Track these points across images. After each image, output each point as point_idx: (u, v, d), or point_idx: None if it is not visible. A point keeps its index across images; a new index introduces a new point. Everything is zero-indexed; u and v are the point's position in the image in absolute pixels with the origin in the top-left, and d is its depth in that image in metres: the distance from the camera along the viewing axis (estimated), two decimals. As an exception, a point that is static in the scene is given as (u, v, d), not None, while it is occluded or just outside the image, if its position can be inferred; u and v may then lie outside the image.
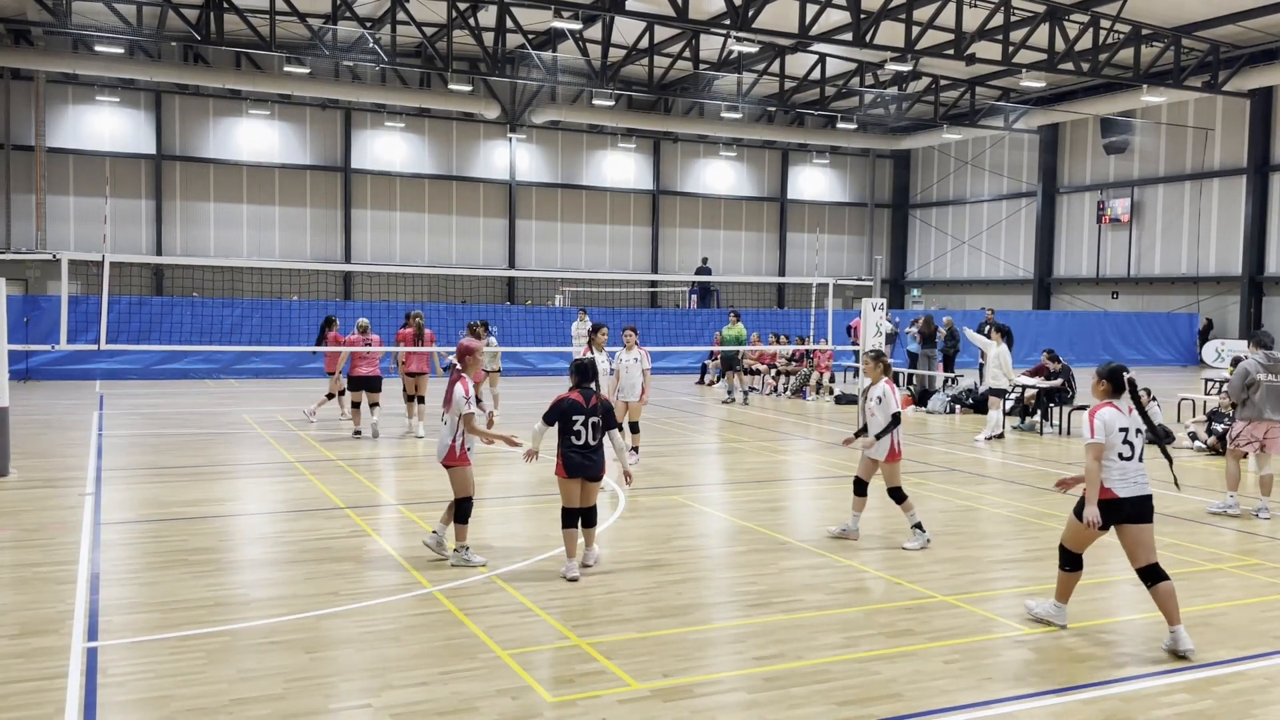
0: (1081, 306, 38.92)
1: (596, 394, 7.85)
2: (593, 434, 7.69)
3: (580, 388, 7.83)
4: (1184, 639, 6.14)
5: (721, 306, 36.19)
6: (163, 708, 5.14)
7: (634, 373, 13.25)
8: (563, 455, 7.71)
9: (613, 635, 6.37)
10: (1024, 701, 5.47)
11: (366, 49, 29.07)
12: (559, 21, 25.17)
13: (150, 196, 34.31)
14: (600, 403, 7.81)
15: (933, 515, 9.99)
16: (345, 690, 5.49)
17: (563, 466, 7.69)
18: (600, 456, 7.78)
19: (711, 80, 33.80)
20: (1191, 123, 35.43)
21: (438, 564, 7.98)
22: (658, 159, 41.76)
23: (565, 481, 7.71)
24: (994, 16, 25.94)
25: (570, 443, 7.67)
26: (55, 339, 14.44)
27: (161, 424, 16.37)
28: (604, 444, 7.83)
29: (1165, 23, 28.47)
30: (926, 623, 6.74)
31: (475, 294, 35.43)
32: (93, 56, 28.81)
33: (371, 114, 36.78)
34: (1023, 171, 41.73)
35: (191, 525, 9.42)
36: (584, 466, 7.67)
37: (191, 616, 6.64)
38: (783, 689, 5.55)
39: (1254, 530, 9.75)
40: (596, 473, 7.75)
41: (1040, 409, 17.39)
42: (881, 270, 43.54)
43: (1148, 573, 6.29)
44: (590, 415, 7.69)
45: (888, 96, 35.09)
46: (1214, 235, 35.10)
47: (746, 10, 23.91)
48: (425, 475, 12.27)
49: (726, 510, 10.52)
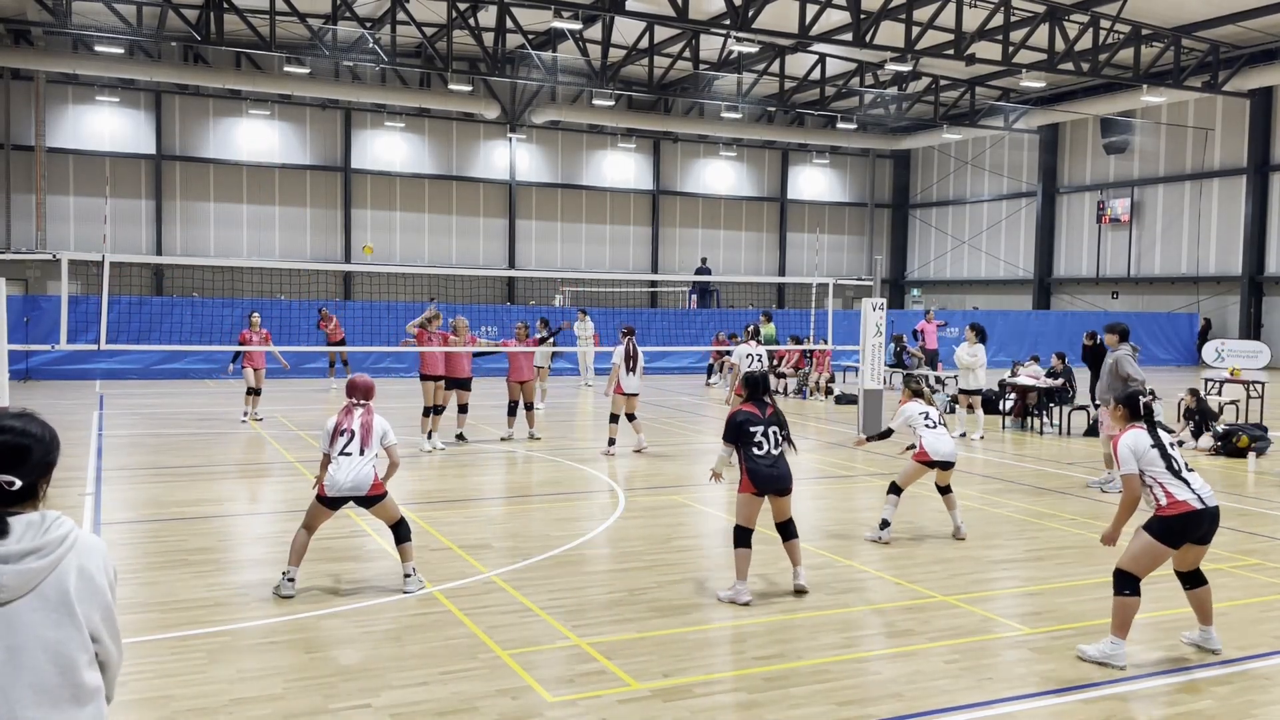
0: (1081, 306, 38.91)
1: (772, 404, 7.53)
2: (774, 444, 7.35)
3: (754, 399, 7.52)
4: (1215, 639, 6.21)
5: (721, 307, 36.19)
6: (163, 708, 5.14)
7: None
8: (748, 470, 7.30)
9: (613, 635, 6.37)
10: (1024, 701, 5.47)
11: (366, 49, 29.07)
12: (559, 21, 25.17)
13: (150, 196, 34.31)
14: (776, 412, 7.47)
15: (933, 515, 9.99)
16: (345, 690, 5.49)
17: (749, 481, 7.29)
18: (786, 466, 7.39)
19: (711, 80, 33.80)
20: (1191, 123, 35.43)
21: (438, 564, 7.98)
22: (658, 159, 41.76)
23: (752, 498, 7.30)
24: (994, 16, 25.93)
25: (753, 455, 7.30)
26: (55, 339, 14.42)
27: (161, 424, 16.36)
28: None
29: (1165, 23, 28.47)
30: (926, 623, 6.74)
31: (475, 294, 35.42)
32: (93, 56, 28.81)
33: (371, 114, 36.79)
34: (1023, 171, 41.72)
35: (191, 525, 9.42)
36: (772, 479, 7.31)
37: (191, 616, 6.64)
38: (783, 689, 5.55)
39: (1254, 530, 9.76)
40: (786, 485, 7.38)
41: (1041, 409, 17.40)
42: (881, 270, 43.45)
43: (1193, 577, 6.16)
44: (769, 425, 7.37)
45: (888, 96, 35.09)
46: (1214, 235, 35.10)
47: (746, 10, 23.91)
48: (425, 475, 12.27)
49: (727, 510, 10.51)
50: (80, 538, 2.49)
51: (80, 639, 2.45)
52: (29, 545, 2.39)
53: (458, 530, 9.18)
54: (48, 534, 2.42)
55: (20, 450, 2.46)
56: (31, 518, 2.44)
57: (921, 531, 9.54)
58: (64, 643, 2.42)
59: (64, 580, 2.43)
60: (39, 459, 2.49)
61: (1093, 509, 10.66)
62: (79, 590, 2.45)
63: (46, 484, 2.54)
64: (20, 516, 2.43)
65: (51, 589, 2.42)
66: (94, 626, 2.48)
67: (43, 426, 2.54)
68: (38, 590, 2.40)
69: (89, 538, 2.52)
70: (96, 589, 2.48)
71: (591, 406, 20.19)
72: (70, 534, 2.46)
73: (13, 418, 2.52)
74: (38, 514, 2.45)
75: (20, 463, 2.45)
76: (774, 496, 7.33)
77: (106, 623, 2.51)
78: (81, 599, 2.45)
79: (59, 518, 2.47)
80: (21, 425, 2.49)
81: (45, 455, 2.51)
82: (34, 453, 2.48)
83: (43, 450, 2.50)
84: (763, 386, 7.58)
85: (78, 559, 2.46)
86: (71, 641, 2.43)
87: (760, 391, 7.55)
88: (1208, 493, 5.98)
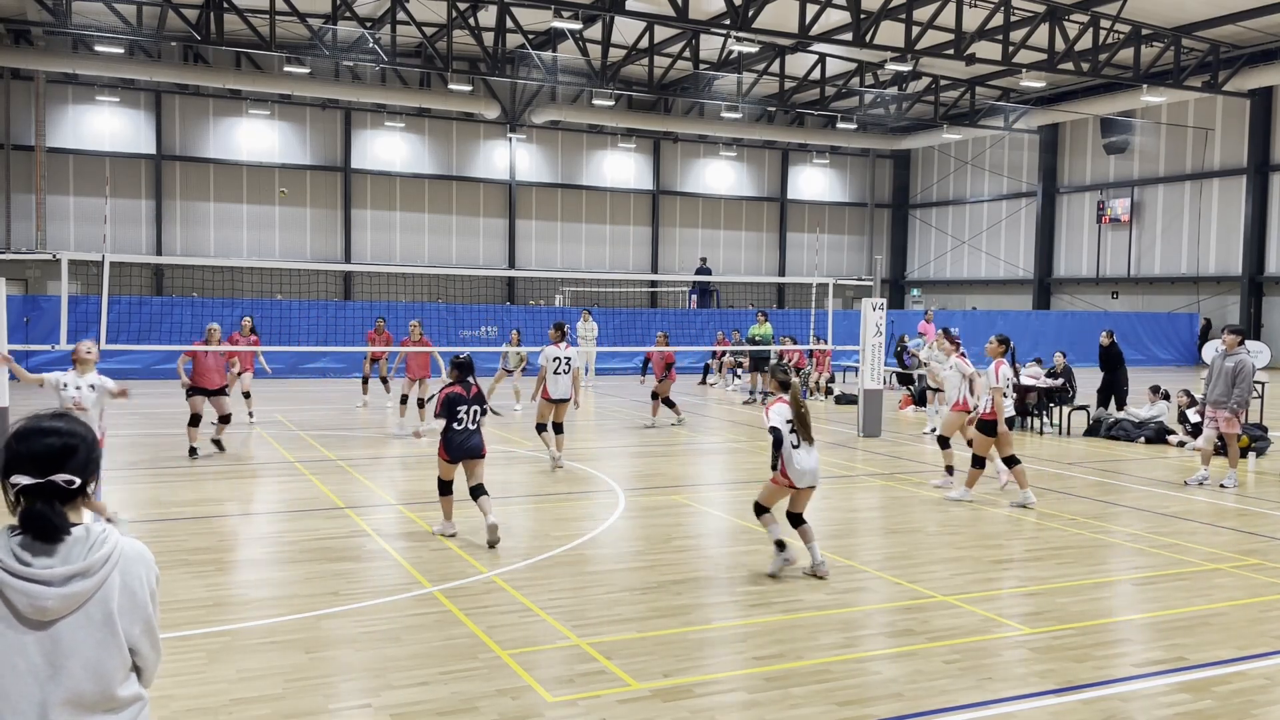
0: (1081, 306, 38.91)
1: (476, 386, 8.85)
2: (473, 420, 8.75)
3: (461, 382, 8.80)
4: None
5: (721, 307, 36.18)
6: (163, 708, 5.14)
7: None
8: (445, 439, 8.68)
9: (613, 635, 6.37)
10: (1024, 701, 5.47)
11: (366, 49, 29.07)
12: (559, 21, 25.18)
13: (150, 196, 34.31)
14: (479, 393, 8.85)
15: (933, 515, 9.98)
16: (345, 690, 5.49)
17: (444, 449, 8.72)
18: (480, 438, 8.79)
19: (711, 80, 33.80)
20: (1191, 123, 35.43)
21: (438, 564, 7.98)
22: (658, 159, 41.76)
23: (448, 464, 8.80)
24: (994, 16, 25.94)
25: (453, 428, 8.64)
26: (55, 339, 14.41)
27: (161, 424, 16.36)
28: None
29: (1165, 23, 28.47)
30: (926, 623, 6.74)
31: (475, 294, 35.41)
32: (93, 56, 28.82)
33: (371, 114, 36.79)
34: (1023, 171, 41.72)
35: (191, 525, 9.42)
36: (466, 448, 8.68)
37: (191, 616, 6.64)
38: (783, 689, 5.55)
39: (1254, 530, 9.76)
40: (478, 453, 8.75)
41: (1041, 409, 17.40)
42: (881, 270, 43.51)
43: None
44: (471, 404, 8.73)
45: (888, 96, 35.09)
46: (1214, 235, 35.11)
47: (746, 10, 23.91)
48: (426, 475, 12.26)
49: (726, 510, 10.51)
50: (124, 552, 2.50)
51: (121, 655, 2.48)
52: (75, 568, 2.40)
53: (458, 530, 9.18)
54: (92, 553, 2.43)
55: (71, 450, 2.48)
56: (78, 533, 2.45)
57: (922, 531, 9.54)
58: (104, 660, 2.45)
59: (108, 599, 2.45)
60: (86, 457, 2.52)
61: (1093, 509, 10.66)
62: (122, 606, 2.47)
63: (95, 482, 2.57)
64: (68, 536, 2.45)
65: (96, 608, 2.44)
66: (134, 640, 2.51)
67: (84, 426, 2.57)
68: (83, 610, 2.43)
69: (131, 548, 2.53)
70: (138, 604, 2.51)
71: (592, 406, 20.19)
72: (114, 551, 2.47)
73: (55, 419, 2.54)
74: (83, 529, 2.47)
75: (72, 462, 2.48)
76: (467, 462, 8.70)
77: (147, 634, 2.55)
78: (124, 615, 2.48)
79: (104, 533, 2.48)
80: (67, 426, 2.53)
81: (90, 453, 2.54)
82: (81, 451, 2.51)
83: (87, 449, 2.54)
84: (468, 370, 8.87)
85: (121, 575, 2.48)
86: (112, 659, 2.46)
87: (466, 374, 8.84)
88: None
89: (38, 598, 2.37)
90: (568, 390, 12.63)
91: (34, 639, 2.38)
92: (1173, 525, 9.84)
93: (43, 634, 2.39)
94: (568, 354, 12.66)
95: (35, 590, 2.37)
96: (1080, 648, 6.29)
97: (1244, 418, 12.07)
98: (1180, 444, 15.30)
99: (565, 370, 12.59)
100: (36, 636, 2.38)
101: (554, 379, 12.58)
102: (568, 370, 12.60)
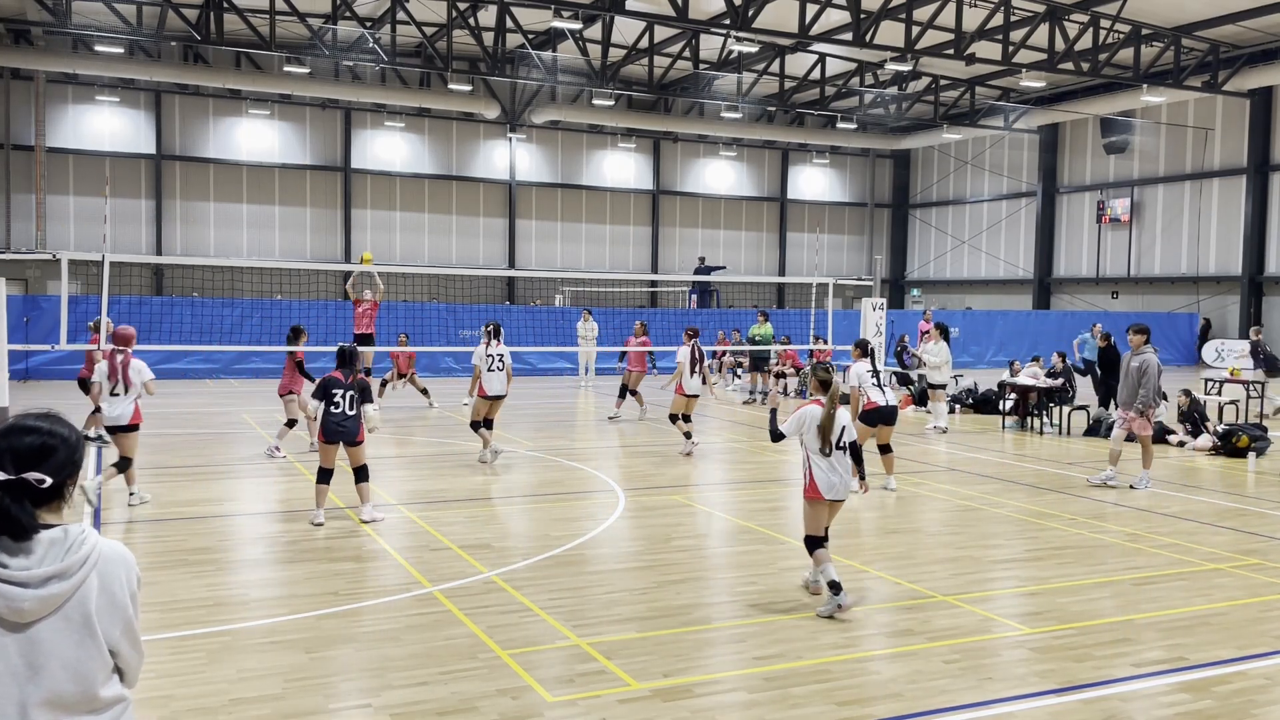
0: (1081, 306, 38.90)
1: (354, 374, 9.51)
2: (349, 405, 9.37)
3: (342, 369, 9.47)
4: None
5: (721, 306, 36.18)
6: (163, 708, 5.14)
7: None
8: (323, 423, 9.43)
9: (613, 635, 6.37)
10: (1024, 701, 5.47)
11: (366, 49, 29.06)
12: (559, 21, 25.17)
13: (150, 196, 34.30)
14: (357, 381, 9.48)
15: (933, 515, 9.99)
16: (345, 690, 5.49)
17: (322, 431, 9.46)
18: (355, 424, 9.43)
19: (711, 80, 33.79)
20: (1191, 123, 35.43)
21: (438, 564, 7.98)
22: (658, 159, 41.76)
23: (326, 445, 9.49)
24: (994, 16, 25.93)
25: (330, 411, 9.34)
26: (55, 339, 14.43)
27: (161, 424, 16.35)
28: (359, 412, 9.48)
29: (1165, 23, 28.47)
30: (926, 623, 6.74)
31: (475, 294, 35.41)
32: (93, 56, 28.81)
33: (371, 114, 36.78)
34: (1023, 171, 41.72)
35: (191, 525, 9.42)
36: (339, 432, 9.36)
37: (191, 616, 6.64)
38: (783, 689, 5.55)
39: (1254, 530, 9.76)
40: (352, 438, 9.43)
41: (1041, 409, 17.41)
42: (881, 270, 43.56)
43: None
44: (348, 390, 9.38)
45: (888, 96, 35.09)
46: (1214, 235, 35.10)
47: (746, 10, 23.91)
48: (426, 475, 12.27)
49: (726, 510, 10.52)
50: (103, 553, 2.49)
51: (101, 657, 2.47)
52: (52, 569, 2.39)
53: (458, 530, 9.18)
54: (70, 555, 2.42)
55: (48, 450, 2.47)
56: (55, 535, 2.43)
57: (922, 531, 9.54)
58: (84, 660, 2.44)
59: (86, 601, 2.44)
60: (65, 459, 2.51)
61: (1093, 509, 10.66)
62: (100, 608, 2.46)
63: (74, 484, 2.56)
64: (44, 534, 2.43)
65: (75, 610, 2.43)
66: (114, 641, 2.50)
67: (68, 427, 2.56)
68: (61, 611, 2.42)
69: (111, 550, 2.51)
70: (117, 605, 2.50)
71: (593, 406, 20.18)
72: (93, 553, 2.46)
73: (38, 418, 2.53)
74: (61, 530, 2.45)
75: (49, 462, 2.46)
76: (347, 446, 9.40)
77: (126, 635, 2.53)
78: (102, 616, 2.47)
79: (82, 534, 2.46)
80: (49, 426, 2.51)
81: (71, 455, 2.53)
82: (60, 453, 2.50)
83: (68, 450, 2.52)
84: (348, 359, 9.52)
85: (100, 577, 2.47)
86: (92, 660, 2.45)
87: (346, 363, 9.50)
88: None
89: (15, 600, 2.36)
90: (502, 387, 13.10)
91: (13, 640, 2.38)
92: (1173, 525, 9.84)
93: (21, 635, 2.39)
94: (499, 351, 13.07)
95: (12, 592, 2.36)
96: (1080, 648, 6.29)
97: (1152, 417, 12.05)
98: (1180, 444, 15.31)
99: (499, 368, 13.05)
100: (15, 638, 2.38)
101: (488, 376, 12.99)
102: (501, 368, 13.07)
